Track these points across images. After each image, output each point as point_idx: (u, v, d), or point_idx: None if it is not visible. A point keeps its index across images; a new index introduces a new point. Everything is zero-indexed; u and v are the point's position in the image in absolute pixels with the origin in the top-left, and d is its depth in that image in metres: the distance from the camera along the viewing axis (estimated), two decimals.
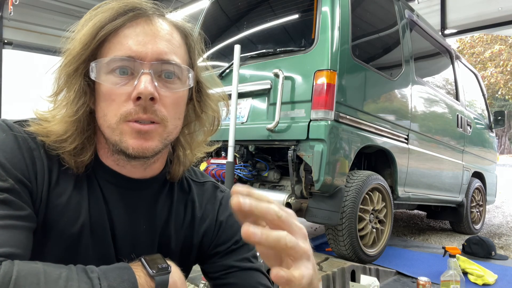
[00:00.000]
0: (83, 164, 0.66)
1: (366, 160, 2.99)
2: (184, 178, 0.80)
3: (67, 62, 0.63)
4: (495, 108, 22.00)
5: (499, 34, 11.30)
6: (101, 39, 0.62)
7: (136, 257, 0.64)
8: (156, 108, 0.62)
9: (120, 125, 0.62)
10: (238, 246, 0.77)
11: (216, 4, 3.25)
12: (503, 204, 6.66)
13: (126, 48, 0.61)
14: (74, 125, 0.63)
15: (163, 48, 0.63)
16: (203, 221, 0.78)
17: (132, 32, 0.62)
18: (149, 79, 0.61)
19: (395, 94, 2.88)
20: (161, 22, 0.66)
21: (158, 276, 0.59)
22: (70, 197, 0.64)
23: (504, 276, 2.54)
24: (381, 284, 2.27)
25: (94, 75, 0.62)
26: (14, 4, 5.31)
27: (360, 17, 2.67)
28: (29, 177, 0.60)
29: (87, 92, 0.64)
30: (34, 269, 0.51)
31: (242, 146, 2.59)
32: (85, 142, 0.65)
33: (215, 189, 0.82)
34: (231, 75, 2.58)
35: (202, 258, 0.80)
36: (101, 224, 0.67)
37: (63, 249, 0.64)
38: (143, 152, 0.62)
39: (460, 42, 19.08)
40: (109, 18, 0.62)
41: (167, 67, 0.64)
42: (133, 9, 0.63)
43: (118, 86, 0.61)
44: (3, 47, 6.06)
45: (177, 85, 0.65)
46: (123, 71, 0.62)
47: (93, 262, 0.58)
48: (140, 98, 0.60)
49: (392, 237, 3.55)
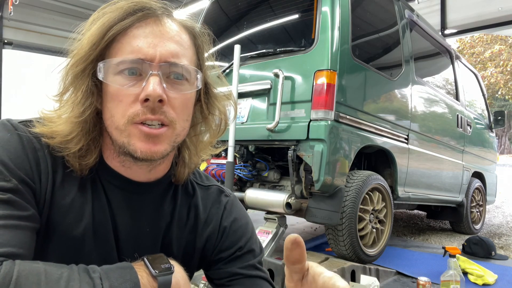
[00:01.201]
0: (88, 167, 0.65)
1: (366, 160, 2.98)
2: (189, 181, 0.79)
3: (75, 62, 0.62)
4: (495, 108, 22.00)
5: (499, 34, 11.30)
6: (110, 39, 0.61)
7: (139, 257, 0.63)
8: (165, 109, 0.61)
9: (128, 127, 0.61)
10: (243, 252, 0.76)
11: (216, 4, 3.25)
12: (503, 204, 6.66)
13: (135, 49, 0.61)
14: (80, 125, 0.62)
15: (172, 50, 0.63)
16: (207, 225, 0.77)
17: (142, 32, 0.62)
18: (157, 80, 0.60)
19: (395, 94, 2.88)
20: (170, 22, 0.65)
21: (160, 276, 0.59)
22: (74, 199, 0.64)
23: (504, 276, 2.54)
24: (381, 284, 2.27)
25: (102, 75, 0.61)
26: (14, 4, 5.31)
27: (360, 17, 2.67)
28: (33, 177, 0.60)
29: (94, 92, 0.63)
30: (35, 269, 0.51)
31: (242, 146, 2.59)
32: (90, 144, 0.65)
33: (220, 193, 0.81)
34: (231, 75, 2.58)
35: (206, 263, 0.79)
36: (104, 227, 0.66)
37: (66, 251, 0.64)
38: (151, 156, 0.62)
39: (460, 42, 19.07)
40: (118, 18, 0.61)
41: (175, 69, 0.63)
42: (142, 9, 0.62)
43: (126, 87, 0.61)
44: (3, 47, 6.06)
45: (185, 87, 0.65)
46: (131, 72, 0.61)
47: (96, 264, 0.57)
48: (148, 99, 0.60)
49: (392, 237, 3.55)
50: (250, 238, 0.78)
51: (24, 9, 6.03)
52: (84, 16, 0.68)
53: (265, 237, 2.40)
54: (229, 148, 2.42)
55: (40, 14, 6.39)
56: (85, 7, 6.28)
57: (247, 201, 2.51)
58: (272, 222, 2.49)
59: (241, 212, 0.81)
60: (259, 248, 0.80)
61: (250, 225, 0.81)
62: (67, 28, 0.67)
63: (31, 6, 6.17)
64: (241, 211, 0.82)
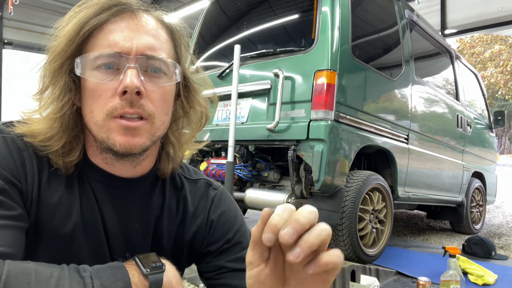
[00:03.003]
0: (72, 164, 0.65)
1: (366, 160, 2.98)
2: (176, 175, 0.79)
3: (52, 58, 0.62)
4: (495, 108, 22.00)
5: (499, 34, 11.30)
6: (86, 34, 0.61)
7: (130, 256, 0.63)
8: (143, 103, 0.61)
9: (107, 122, 0.61)
10: (230, 245, 0.75)
11: (216, 4, 3.26)
12: (503, 204, 6.66)
13: (111, 43, 0.61)
14: (59, 122, 0.63)
15: (148, 43, 0.63)
16: (195, 218, 0.77)
17: (117, 27, 0.62)
18: (135, 73, 0.60)
19: (395, 94, 2.88)
20: (146, 17, 0.65)
21: (152, 275, 0.59)
22: (61, 197, 0.64)
23: (504, 276, 2.54)
24: (381, 284, 2.27)
25: (79, 71, 0.61)
26: (14, 4, 5.32)
27: (360, 17, 2.67)
28: (19, 177, 0.60)
29: (72, 88, 0.63)
30: (25, 269, 0.51)
31: (242, 146, 2.59)
32: (72, 141, 0.65)
33: (207, 186, 0.81)
34: (231, 75, 2.58)
35: (195, 257, 0.79)
36: (93, 224, 0.66)
37: (57, 250, 0.64)
38: (130, 148, 0.62)
39: (460, 42, 19.08)
40: (93, 13, 0.61)
41: (153, 62, 0.63)
42: (118, 4, 0.63)
43: (104, 81, 0.61)
44: (3, 47, 6.07)
45: (163, 80, 0.65)
46: (108, 66, 0.61)
47: (88, 262, 0.57)
48: (126, 92, 0.60)
49: (392, 237, 3.55)
50: (238, 231, 0.77)
51: (24, 9, 6.05)
52: None
53: None
54: (229, 148, 2.42)
55: (40, 14, 6.40)
56: None
57: (247, 201, 2.51)
58: None
59: (230, 205, 0.81)
60: (248, 240, 0.78)
61: (239, 218, 0.80)
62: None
63: (31, 6, 6.18)
64: (230, 204, 0.81)
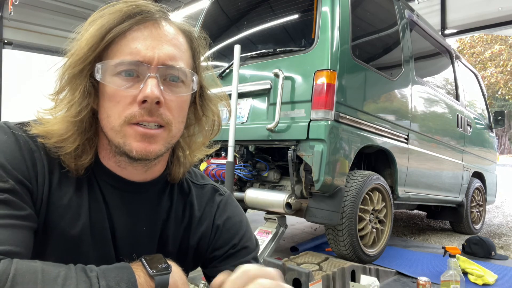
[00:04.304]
0: (83, 167, 0.66)
1: (366, 160, 2.98)
2: (184, 180, 0.80)
3: (72, 62, 0.63)
4: (495, 108, 22.00)
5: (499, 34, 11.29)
6: (109, 41, 0.62)
7: (137, 257, 0.64)
8: (162, 111, 0.63)
9: (124, 128, 0.62)
10: (236, 250, 0.76)
11: (216, 4, 3.25)
12: (503, 204, 6.66)
13: (133, 51, 0.62)
14: (76, 125, 0.63)
15: (169, 53, 0.64)
16: (201, 223, 0.78)
17: (140, 35, 0.63)
18: (155, 83, 0.61)
19: (395, 94, 2.88)
20: (168, 26, 0.66)
21: (158, 276, 0.59)
22: (70, 199, 0.65)
23: (504, 276, 2.54)
24: (381, 284, 2.27)
25: (99, 76, 0.62)
26: (14, 4, 5.32)
27: (360, 17, 2.67)
28: (29, 178, 0.61)
29: (91, 93, 0.64)
30: (32, 268, 0.51)
31: (242, 146, 2.59)
32: (86, 144, 0.66)
33: (214, 192, 0.82)
34: (231, 75, 2.58)
35: (201, 261, 0.80)
36: (101, 226, 0.67)
37: (64, 250, 0.64)
38: (146, 155, 0.63)
39: (460, 42, 19.09)
40: (117, 20, 0.62)
41: (173, 72, 0.64)
42: (141, 12, 0.63)
43: (124, 88, 0.62)
44: (3, 47, 6.07)
45: (182, 89, 0.66)
46: (129, 74, 0.62)
47: (94, 264, 0.58)
48: (145, 101, 0.61)
49: (392, 237, 3.55)
50: (244, 236, 0.79)
51: (24, 9, 6.04)
52: (84, 16, 0.68)
53: (265, 237, 2.40)
54: (229, 148, 2.42)
55: (40, 14, 6.39)
56: (85, 7, 6.29)
57: (247, 201, 2.51)
58: (272, 222, 2.49)
59: (235, 210, 0.82)
60: (253, 245, 0.80)
61: (245, 223, 0.81)
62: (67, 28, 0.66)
63: (31, 6, 6.17)
64: (236, 209, 0.82)
